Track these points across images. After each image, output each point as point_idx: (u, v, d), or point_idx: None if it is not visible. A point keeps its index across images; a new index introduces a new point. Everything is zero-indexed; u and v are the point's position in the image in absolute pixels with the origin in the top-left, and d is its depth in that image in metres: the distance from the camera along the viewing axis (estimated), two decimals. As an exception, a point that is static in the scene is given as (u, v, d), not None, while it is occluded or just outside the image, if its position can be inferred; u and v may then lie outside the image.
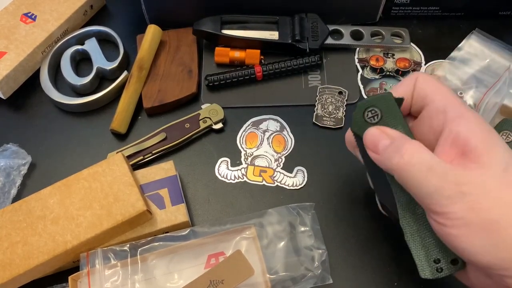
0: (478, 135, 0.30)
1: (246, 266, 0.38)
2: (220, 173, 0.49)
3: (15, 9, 0.55)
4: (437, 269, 0.32)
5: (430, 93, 0.33)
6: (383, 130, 0.32)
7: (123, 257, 0.40)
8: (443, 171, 0.29)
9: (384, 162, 0.32)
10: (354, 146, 0.36)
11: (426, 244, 0.33)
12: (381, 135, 0.32)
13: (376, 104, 0.33)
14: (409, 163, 0.30)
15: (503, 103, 0.48)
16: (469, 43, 0.55)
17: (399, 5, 0.56)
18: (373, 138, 0.33)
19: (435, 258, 0.32)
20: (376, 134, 0.32)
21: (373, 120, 0.33)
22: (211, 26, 0.53)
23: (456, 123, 0.31)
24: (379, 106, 0.33)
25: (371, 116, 0.33)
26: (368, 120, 0.33)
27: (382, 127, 0.33)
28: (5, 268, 0.39)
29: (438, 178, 0.29)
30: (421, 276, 0.33)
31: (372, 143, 0.32)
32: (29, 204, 0.42)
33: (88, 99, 0.51)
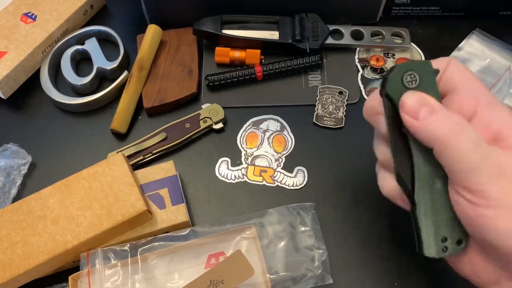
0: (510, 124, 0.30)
1: (246, 266, 0.38)
2: (220, 173, 0.49)
3: (15, 9, 0.55)
4: (442, 248, 0.32)
5: (462, 78, 0.32)
6: (424, 97, 0.31)
7: (123, 257, 0.40)
8: (487, 149, 0.28)
9: (425, 130, 0.30)
10: (376, 112, 0.34)
11: (438, 220, 0.32)
12: (424, 101, 0.30)
13: (416, 69, 0.31)
14: (458, 134, 0.28)
15: (504, 103, 0.48)
16: (470, 43, 0.55)
17: (400, 5, 0.56)
18: (414, 103, 0.30)
19: (443, 237, 0.31)
20: (418, 99, 0.30)
21: (411, 84, 0.31)
22: (211, 26, 0.53)
23: (489, 109, 0.30)
24: (418, 72, 0.31)
25: (410, 80, 0.31)
26: (406, 84, 0.31)
27: (423, 94, 0.31)
28: (5, 268, 0.39)
29: (482, 155, 0.28)
30: (424, 254, 0.32)
31: (412, 108, 0.30)
32: (29, 204, 0.42)
33: (88, 99, 0.51)
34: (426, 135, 0.30)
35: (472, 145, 0.28)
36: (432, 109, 0.30)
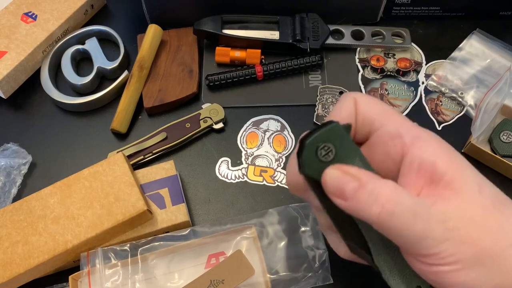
0: (444, 158, 0.27)
1: (247, 266, 0.38)
2: (221, 173, 0.49)
3: (16, 8, 0.55)
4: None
5: (377, 116, 0.29)
6: (345, 170, 0.27)
7: (123, 256, 0.40)
8: (427, 213, 0.26)
9: (357, 210, 0.27)
10: (302, 189, 0.31)
11: (406, 275, 0.30)
12: (345, 177, 0.27)
13: (328, 139, 0.27)
14: (392, 213, 0.26)
15: (504, 103, 0.48)
16: (470, 43, 0.55)
17: (400, 5, 0.56)
18: (336, 182, 0.27)
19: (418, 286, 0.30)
20: (340, 176, 0.27)
21: (328, 157, 0.28)
22: (211, 25, 0.53)
23: (416, 148, 0.28)
24: (331, 141, 0.28)
25: (325, 154, 0.28)
26: (322, 159, 0.28)
27: (342, 166, 0.27)
28: (5, 268, 0.39)
29: (423, 222, 0.26)
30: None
31: (336, 188, 0.27)
32: (29, 203, 0.42)
33: (88, 99, 0.51)
34: (359, 215, 0.27)
35: (410, 217, 0.26)
36: (357, 184, 0.26)
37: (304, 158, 0.28)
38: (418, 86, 0.53)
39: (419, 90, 0.53)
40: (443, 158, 0.27)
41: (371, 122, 0.30)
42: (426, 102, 0.52)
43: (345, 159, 0.28)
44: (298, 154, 0.28)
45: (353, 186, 0.27)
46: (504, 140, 0.47)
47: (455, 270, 0.27)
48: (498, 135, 0.47)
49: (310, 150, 0.28)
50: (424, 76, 0.54)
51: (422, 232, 0.26)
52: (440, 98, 0.52)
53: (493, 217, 0.27)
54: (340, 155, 0.28)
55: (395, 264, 0.30)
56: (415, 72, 0.54)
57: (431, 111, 0.52)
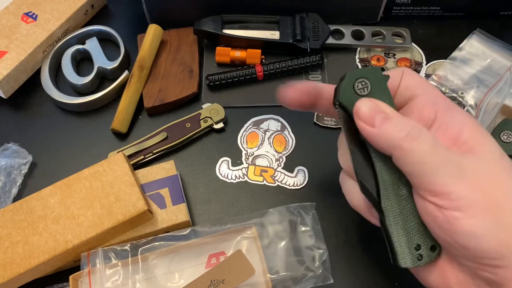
0: (470, 128, 0.30)
1: (247, 266, 0.38)
2: (221, 173, 0.49)
3: (16, 8, 0.55)
4: (417, 256, 0.30)
5: (420, 86, 0.33)
6: (377, 103, 0.30)
7: (124, 256, 0.40)
8: (446, 151, 0.28)
9: (381, 137, 0.29)
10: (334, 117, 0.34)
11: (408, 228, 0.31)
12: (378, 108, 0.30)
13: (367, 76, 0.31)
14: (415, 139, 0.28)
15: (504, 103, 0.48)
16: (470, 43, 0.55)
17: (400, 5, 0.56)
18: (368, 110, 0.30)
19: (416, 244, 0.30)
20: (372, 105, 0.30)
21: (363, 92, 0.31)
22: (212, 25, 0.53)
23: (448, 115, 0.31)
24: (369, 79, 0.31)
25: (361, 88, 0.31)
26: (358, 92, 0.31)
27: (376, 100, 0.31)
28: (6, 267, 0.39)
29: (441, 157, 0.28)
30: (400, 265, 0.31)
31: (367, 115, 0.30)
32: (30, 203, 0.42)
33: (88, 99, 0.51)
34: (383, 141, 0.29)
35: (430, 147, 0.28)
36: (387, 115, 0.30)
37: (341, 86, 0.31)
38: (418, 86, 0.53)
39: (419, 90, 0.53)
40: (469, 127, 0.30)
41: (412, 89, 0.33)
42: (426, 102, 0.52)
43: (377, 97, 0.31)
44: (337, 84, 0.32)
45: (382, 115, 0.30)
46: (505, 140, 0.47)
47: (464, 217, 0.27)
48: (498, 135, 0.47)
49: (349, 81, 0.31)
50: (424, 76, 0.54)
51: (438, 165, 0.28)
52: (440, 98, 0.52)
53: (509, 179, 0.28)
54: (374, 93, 0.31)
55: (400, 214, 0.31)
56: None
57: (431, 111, 0.52)
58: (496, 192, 0.27)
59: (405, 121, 0.29)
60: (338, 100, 0.31)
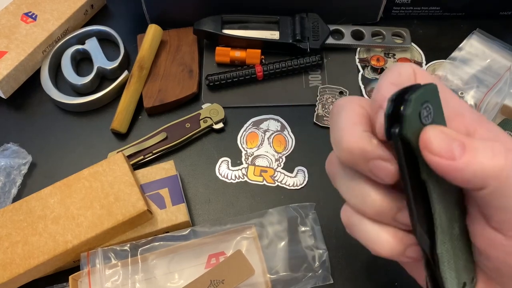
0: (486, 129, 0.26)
1: (247, 266, 0.38)
2: (221, 173, 0.49)
3: (16, 8, 0.55)
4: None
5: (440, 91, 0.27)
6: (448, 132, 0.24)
7: (123, 256, 0.40)
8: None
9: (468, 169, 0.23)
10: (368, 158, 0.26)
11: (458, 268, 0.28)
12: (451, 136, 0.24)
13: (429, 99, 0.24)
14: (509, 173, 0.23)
15: (504, 103, 0.48)
16: (470, 43, 0.55)
17: (400, 5, 0.56)
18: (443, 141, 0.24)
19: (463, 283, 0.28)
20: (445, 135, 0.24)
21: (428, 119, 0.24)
22: (211, 25, 0.53)
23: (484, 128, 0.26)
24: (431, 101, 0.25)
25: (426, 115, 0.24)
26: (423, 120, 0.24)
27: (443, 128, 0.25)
28: (5, 268, 0.39)
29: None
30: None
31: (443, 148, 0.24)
32: (29, 203, 0.42)
33: (88, 99, 0.51)
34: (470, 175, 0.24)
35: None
36: (463, 143, 0.24)
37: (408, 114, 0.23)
38: (418, 86, 0.53)
39: (419, 90, 0.53)
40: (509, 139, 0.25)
41: None
42: (426, 102, 0.52)
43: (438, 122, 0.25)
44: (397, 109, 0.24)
45: (458, 144, 0.24)
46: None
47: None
48: (498, 135, 0.47)
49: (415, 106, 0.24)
50: (424, 76, 0.54)
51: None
52: (440, 98, 0.52)
53: None
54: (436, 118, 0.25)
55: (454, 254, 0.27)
56: (415, 72, 0.54)
57: (431, 111, 0.52)
58: None
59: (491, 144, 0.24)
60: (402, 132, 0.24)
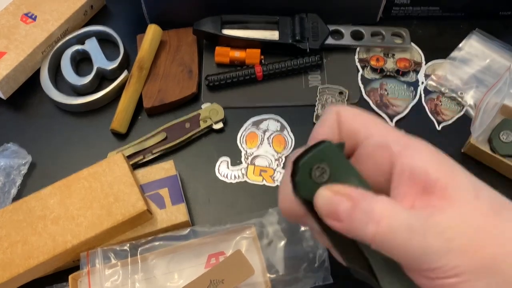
0: (435, 164, 0.26)
1: (247, 266, 0.38)
2: (220, 173, 0.49)
3: (15, 9, 0.55)
4: None
5: (362, 127, 0.28)
6: (337, 191, 0.26)
7: (123, 256, 0.40)
8: (423, 226, 0.25)
9: (352, 231, 0.26)
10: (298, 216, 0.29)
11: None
12: (337, 198, 0.26)
13: (322, 159, 0.27)
14: (388, 231, 0.25)
15: (504, 103, 0.48)
16: (470, 43, 0.55)
17: (399, 5, 0.56)
18: (328, 203, 0.26)
19: None
20: (331, 197, 0.26)
21: (323, 178, 0.27)
22: (211, 26, 0.53)
23: (406, 157, 0.26)
24: (325, 161, 0.27)
25: (320, 175, 0.27)
26: (317, 180, 0.27)
27: (335, 186, 0.27)
28: (5, 268, 0.39)
29: (421, 237, 0.25)
30: None
31: (329, 210, 0.26)
32: (29, 203, 0.42)
33: (88, 99, 0.51)
34: (354, 235, 0.26)
35: (407, 233, 0.25)
36: (352, 203, 0.26)
37: (298, 180, 0.27)
38: (418, 86, 0.53)
39: (419, 90, 0.53)
40: (434, 164, 0.26)
41: (355, 133, 0.29)
42: (425, 102, 0.52)
43: (340, 179, 0.27)
44: (292, 176, 0.27)
45: (346, 206, 0.26)
46: (504, 140, 0.47)
47: (460, 282, 0.25)
48: (498, 135, 0.47)
49: (304, 171, 0.27)
50: (423, 76, 0.54)
51: (421, 247, 0.25)
52: (440, 98, 0.52)
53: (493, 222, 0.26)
54: (335, 175, 0.27)
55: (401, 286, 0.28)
56: (415, 72, 0.54)
57: (430, 111, 0.52)
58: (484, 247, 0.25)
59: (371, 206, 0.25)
60: (299, 196, 0.27)
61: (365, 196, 0.26)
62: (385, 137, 0.27)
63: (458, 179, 0.26)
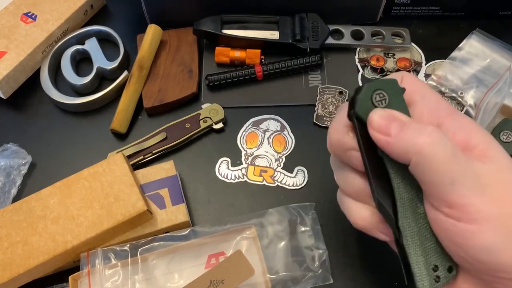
0: (477, 132, 0.29)
1: (247, 266, 0.38)
2: (221, 173, 0.49)
3: (15, 8, 0.55)
4: (435, 278, 0.29)
5: (419, 90, 0.31)
6: (393, 113, 0.29)
7: (123, 257, 0.40)
8: (465, 159, 0.27)
9: (399, 145, 0.28)
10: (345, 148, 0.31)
11: (426, 248, 0.29)
12: (393, 117, 0.29)
13: (384, 88, 0.30)
14: (436, 143, 0.27)
15: (504, 103, 0.48)
16: (470, 43, 0.55)
17: (400, 5, 0.56)
18: (383, 119, 0.29)
19: (434, 265, 0.29)
20: (387, 115, 0.29)
21: (381, 104, 0.30)
22: (211, 26, 0.53)
23: (452, 119, 0.30)
24: (387, 91, 0.30)
25: (379, 100, 0.30)
26: (375, 104, 0.30)
27: (391, 110, 0.29)
28: (5, 268, 0.39)
29: (461, 166, 0.27)
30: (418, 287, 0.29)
31: (382, 124, 0.29)
32: (29, 204, 0.42)
33: (88, 99, 0.51)
34: (400, 150, 0.28)
35: (450, 155, 0.27)
36: (403, 123, 0.28)
37: (359, 98, 0.30)
38: (418, 86, 0.53)
39: (419, 90, 0.53)
40: (477, 131, 0.29)
41: (413, 93, 0.31)
42: (426, 102, 0.52)
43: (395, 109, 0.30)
44: (353, 95, 0.30)
45: (398, 124, 0.28)
46: (504, 140, 0.47)
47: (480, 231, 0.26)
48: (498, 135, 0.47)
49: (367, 92, 0.30)
50: (424, 76, 0.54)
51: (458, 175, 0.26)
52: (440, 98, 0.52)
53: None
54: (391, 105, 0.30)
55: (418, 233, 0.30)
56: (415, 72, 0.54)
57: (431, 111, 0.52)
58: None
59: (423, 127, 0.28)
60: (355, 112, 0.30)
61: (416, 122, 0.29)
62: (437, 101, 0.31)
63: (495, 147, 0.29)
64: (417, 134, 0.27)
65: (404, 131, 0.28)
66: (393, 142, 0.28)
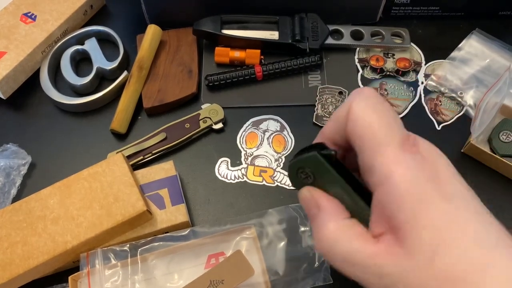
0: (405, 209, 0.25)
1: (246, 266, 0.38)
2: (220, 173, 0.49)
3: (15, 9, 0.55)
4: None
5: (358, 138, 0.27)
6: (313, 195, 0.30)
7: (123, 257, 0.40)
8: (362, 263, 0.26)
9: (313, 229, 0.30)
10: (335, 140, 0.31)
11: None
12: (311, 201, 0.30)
13: (305, 166, 0.30)
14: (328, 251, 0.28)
15: (503, 103, 0.48)
16: (469, 43, 0.55)
17: (399, 5, 0.56)
18: (304, 203, 0.30)
19: None
20: (307, 199, 0.30)
21: (308, 180, 0.30)
22: (211, 26, 0.53)
23: (381, 191, 0.26)
24: (309, 167, 0.29)
25: (304, 177, 0.30)
26: (303, 182, 0.30)
27: (314, 191, 0.30)
28: (5, 268, 0.39)
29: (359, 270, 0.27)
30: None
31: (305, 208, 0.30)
32: (29, 204, 0.42)
33: (88, 99, 0.51)
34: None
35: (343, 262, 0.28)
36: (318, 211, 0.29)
37: (289, 175, 0.31)
38: (418, 86, 0.53)
39: (419, 90, 0.53)
40: (404, 208, 0.25)
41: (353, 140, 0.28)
42: (425, 102, 0.52)
43: (322, 186, 0.30)
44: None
45: (314, 211, 0.29)
46: (504, 140, 0.47)
47: None
48: (498, 135, 0.47)
49: (291, 171, 0.31)
50: (423, 76, 0.54)
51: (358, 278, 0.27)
52: (440, 98, 0.52)
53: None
54: (318, 181, 0.30)
55: None
56: (415, 72, 0.54)
57: (430, 111, 0.52)
58: None
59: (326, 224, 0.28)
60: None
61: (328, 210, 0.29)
62: (373, 157, 0.26)
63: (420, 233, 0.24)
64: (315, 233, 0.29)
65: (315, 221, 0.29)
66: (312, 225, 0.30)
